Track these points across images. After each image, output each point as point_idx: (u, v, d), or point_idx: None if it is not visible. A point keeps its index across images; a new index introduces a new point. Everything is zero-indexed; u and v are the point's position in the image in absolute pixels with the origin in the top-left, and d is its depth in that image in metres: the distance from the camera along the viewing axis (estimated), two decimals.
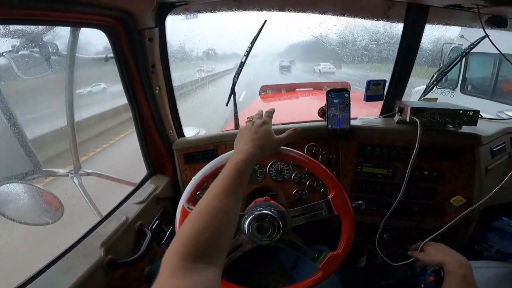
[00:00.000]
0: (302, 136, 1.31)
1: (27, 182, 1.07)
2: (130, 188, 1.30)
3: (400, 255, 1.06)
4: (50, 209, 1.03)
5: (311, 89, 3.56)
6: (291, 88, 3.59)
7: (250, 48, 1.37)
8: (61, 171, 1.29)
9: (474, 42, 1.32)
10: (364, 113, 1.56)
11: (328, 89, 1.27)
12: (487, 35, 1.16)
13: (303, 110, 1.49)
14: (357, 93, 1.98)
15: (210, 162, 0.95)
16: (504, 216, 1.62)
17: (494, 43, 1.11)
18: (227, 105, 1.49)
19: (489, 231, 1.62)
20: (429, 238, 1.00)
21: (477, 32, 1.24)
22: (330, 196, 0.90)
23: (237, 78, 1.44)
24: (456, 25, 1.41)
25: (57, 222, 1.04)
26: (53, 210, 1.02)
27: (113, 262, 0.92)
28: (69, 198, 1.33)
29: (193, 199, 0.94)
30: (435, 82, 1.47)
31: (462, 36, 3.05)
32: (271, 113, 0.93)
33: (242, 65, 1.41)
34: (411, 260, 1.03)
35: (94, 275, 0.85)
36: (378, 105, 1.51)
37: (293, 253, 0.96)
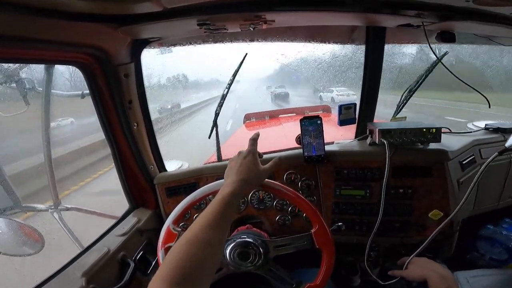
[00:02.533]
0: (283, 163, 1.35)
1: (6, 217, 1.09)
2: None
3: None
4: (30, 241, 1.03)
5: (294, 114, 3.64)
6: (274, 115, 3.66)
7: (232, 81, 1.43)
8: (41, 206, 1.30)
9: (430, 67, 1.42)
10: (343, 136, 1.62)
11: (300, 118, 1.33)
12: (439, 60, 1.25)
13: (285, 137, 1.54)
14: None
15: (198, 189, 0.99)
16: (489, 224, 1.67)
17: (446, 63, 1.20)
18: (209, 137, 1.53)
19: (478, 240, 1.66)
20: (413, 254, 1.02)
21: None
22: (313, 230, 0.94)
23: (219, 110, 1.48)
24: (413, 43, 1.53)
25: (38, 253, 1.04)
26: (33, 242, 1.03)
27: None
28: (52, 231, 1.32)
29: (179, 221, 0.99)
30: (405, 102, 1.53)
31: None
32: (254, 140, 0.96)
33: (224, 97, 1.46)
34: (398, 278, 1.04)
35: None
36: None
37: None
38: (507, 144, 0.92)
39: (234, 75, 1.42)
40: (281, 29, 1.30)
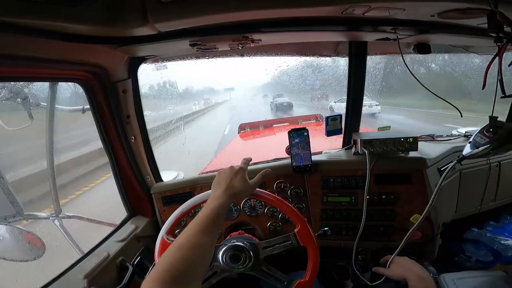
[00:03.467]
0: (271, 174, 1.42)
1: (9, 224, 1.15)
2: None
3: (382, 275, 1.13)
4: (32, 247, 1.08)
5: (287, 124, 3.71)
6: (268, 125, 3.74)
7: None
8: (42, 214, 1.36)
9: None
10: (332, 145, 1.70)
11: (290, 129, 1.41)
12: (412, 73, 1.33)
13: (278, 146, 1.61)
14: None
15: (189, 200, 1.06)
16: (473, 227, 1.73)
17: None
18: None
19: (463, 242, 1.72)
20: (394, 254, 1.10)
21: None
22: (296, 230, 1.01)
23: None
24: (392, 53, 1.60)
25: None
26: (35, 248, 1.08)
27: None
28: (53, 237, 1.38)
29: (172, 232, 1.05)
30: None
31: None
32: (247, 160, 1.04)
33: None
34: (383, 278, 1.10)
35: None
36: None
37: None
38: (464, 152, 0.99)
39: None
40: (269, 45, 1.37)
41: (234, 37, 1.01)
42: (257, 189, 1.02)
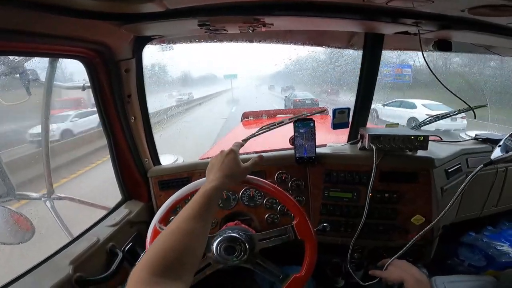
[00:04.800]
0: (272, 164, 1.40)
1: None
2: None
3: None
4: (21, 229, 1.04)
5: (291, 115, 3.63)
6: (272, 115, 3.68)
7: None
8: (34, 194, 1.32)
9: None
10: (336, 139, 1.66)
11: (295, 118, 1.37)
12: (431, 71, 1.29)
13: (282, 137, 1.58)
14: None
15: (183, 188, 1.02)
16: (471, 231, 1.71)
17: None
18: None
19: (459, 246, 1.70)
20: (394, 257, 1.07)
21: None
22: (294, 222, 0.97)
23: None
24: (410, 49, 1.55)
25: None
26: (24, 231, 1.04)
27: (81, 280, 0.95)
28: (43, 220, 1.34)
29: (165, 220, 1.01)
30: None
31: None
32: (239, 143, 1.01)
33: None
34: (377, 279, 1.09)
35: None
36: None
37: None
38: (493, 156, 0.96)
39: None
40: (281, 31, 1.33)
41: (245, 18, 0.96)
42: (252, 176, 0.99)
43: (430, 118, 1.65)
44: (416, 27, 1.01)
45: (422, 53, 1.14)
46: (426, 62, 1.14)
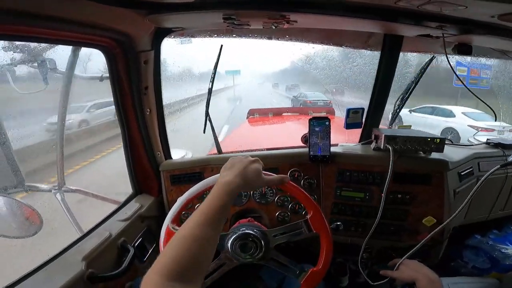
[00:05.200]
0: (285, 161, 1.39)
1: (8, 196, 1.07)
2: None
3: (381, 274, 1.11)
4: (29, 222, 1.02)
5: (298, 114, 3.66)
6: (278, 113, 3.67)
7: (214, 74, 1.42)
8: (44, 186, 1.30)
9: (424, 66, 1.43)
10: (346, 139, 1.65)
11: (311, 116, 1.36)
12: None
13: (289, 135, 1.57)
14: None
15: (196, 185, 0.99)
16: (476, 234, 1.72)
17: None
18: (204, 132, 1.51)
19: (464, 248, 1.71)
20: (404, 257, 1.07)
21: None
22: (308, 216, 0.96)
23: (208, 105, 1.46)
24: (428, 52, 1.54)
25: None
26: (32, 224, 1.01)
27: (94, 276, 0.93)
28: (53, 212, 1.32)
29: (178, 220, 0.98)
30: (398, 110, 1.57)
31: None
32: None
33: (210, 91, 1.44)
34: (387, 279, 1.08)
35: (74, 287, 0.86)
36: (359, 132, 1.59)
37: (277, 274, 1.00)
38: (510, 159, 0.96)
39: (215, 68, 1.40)
40: (299, 29, 1.32)
41: (271, 14, 0.95)
42: (269, 173, 0.96)
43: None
44: (440, 30, 1.01)
45: (447, 57, 1.14)
46: (451, 66, 1.14)
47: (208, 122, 1.47)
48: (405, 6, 0.81)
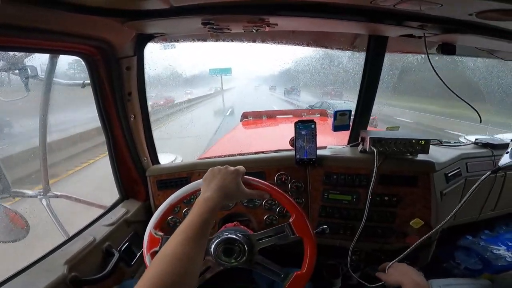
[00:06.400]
0: (272, 165, 1.39)
1: None
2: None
3: (373, 277, 1.11)
4: (15, 227, 1.03)
5: (291, 116, 3.65)
6: (271, 115, 3.67)
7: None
8: (30, 192, 1.29)
9: None
10: (336, 141, 1.65)
11: (296, 120, 1.36)
12: (437, 74, 1.29)
13: (281, 138, 1.57)
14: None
15: (177, 191, 0.99)
16: (468, 235, 1.73)
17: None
18: None
19: (456, 249, 1.71)
20: (394, 261, 1.06)
21: None
22: (291, 220, 0.95)
23: None
24: (414, 52, 1.55)
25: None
26: (18, 228, 1.03)
27: (77, 280, 0.93)
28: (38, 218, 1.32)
29: (162, 225, 0.99)
30: None
31: None
32: (243, 169, 0.95)
33: None
34: (382, 282, 1.08)
35: None
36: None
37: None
38: (501, 163, 0.96)
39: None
40: (284, 32, 1.32)
41: (249, 18, 0.95)
42: (248, 177, 0.96)
43: None
44: (421, 30, 1.00)
45: (428, 56, 1.14)
46: (432, 66, 1.14)
47: None
48: (380, 5, 0.80)
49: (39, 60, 1.12)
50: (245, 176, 0.94)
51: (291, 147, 1.43)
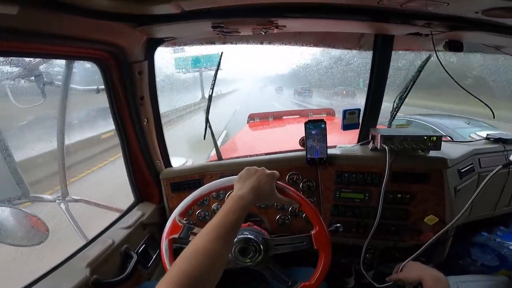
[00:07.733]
0: (283, 165, 1.40)
1: (14, 206, 1.11)
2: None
3: (386, 275, 1.10)
4: (36, 231, 1.05)
5: (297, 116, 3.65)
6: (278, 116, 3.67)
7: (214, 81, 1.43)
8: (49, 197, 1.32)
9: (422, 64, 1.41)
10: (345, 140, 1.65)
11: (306, 120, 1.37)
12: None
13: (289, 138, 1.57)
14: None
15: (210, 183, 1.02)
16: (483, 231, 1.70)
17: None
18: (204, 138, 1.52)
19: (471, 246, 1.69)
20: (409, 258, 1.05)
21: None
22: (313, 232, 0.95)
23: (208, 112, 1.47)
24: (420, 50, 1.53)
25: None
26: (39, 232, 1.04)
27: (98, 282, 0.96)
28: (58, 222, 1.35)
29: (185, 214, 1.01)
30: (397, 109, 1.55)
31: None
32: (278, 174, 0.95)
33: (210, 98, 1.46)
34: (391, 283, 1.07)
35: None
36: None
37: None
38: None
39: (215, 75, 1.42)
40: (291, 33, 1.33)
41: (259, 20, 0.97)
42: (284, 184, 0.97)
43: None
44: (428, 28, 1.01)
45: (436, 54, 1.14)
46: (441, 63, 1.14)
47: (208, 128, 1.49)
48: (388, 5, 0.81)
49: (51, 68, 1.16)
50: (279, 182, 0.94)
51: (301, 147, 1.44)
